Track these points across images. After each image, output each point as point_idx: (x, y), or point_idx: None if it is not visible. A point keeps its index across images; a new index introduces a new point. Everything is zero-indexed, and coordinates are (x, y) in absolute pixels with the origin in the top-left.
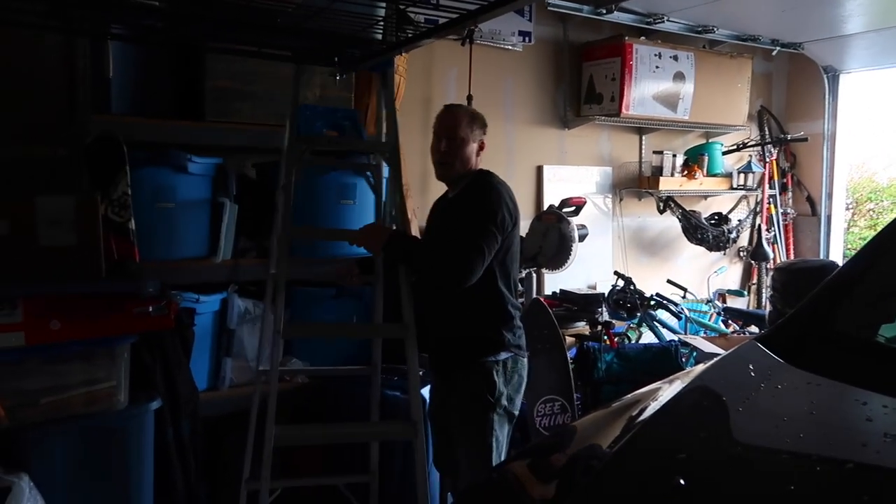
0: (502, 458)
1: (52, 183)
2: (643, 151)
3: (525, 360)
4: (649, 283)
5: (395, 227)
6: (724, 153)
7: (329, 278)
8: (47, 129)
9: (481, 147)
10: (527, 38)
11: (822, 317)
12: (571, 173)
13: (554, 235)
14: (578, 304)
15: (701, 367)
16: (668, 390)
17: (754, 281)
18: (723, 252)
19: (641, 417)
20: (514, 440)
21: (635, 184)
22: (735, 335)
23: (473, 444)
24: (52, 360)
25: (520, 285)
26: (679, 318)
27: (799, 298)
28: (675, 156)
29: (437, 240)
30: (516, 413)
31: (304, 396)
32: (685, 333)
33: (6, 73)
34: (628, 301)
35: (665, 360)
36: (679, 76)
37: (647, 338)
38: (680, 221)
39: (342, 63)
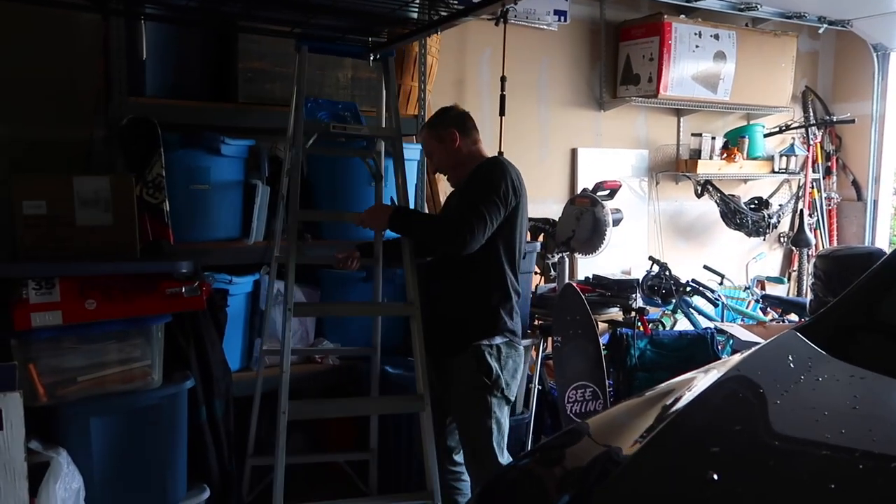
0: (504, 441)
1: (89, 165)
2: (681, 134)
3: (521, 348)
4: (685, 268)
5: (391, 207)
6: (766, 135)
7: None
8: (83, 111)
9: (453, 138)
10: (562, 18)
11: (867, 307)
12: (607, 156)
13: (588, 219)
14: (612, 290)
15: (738, 357)
16: (703, 380)
17: (795, 268)
18: (762, 238)
19: (674, 408)
20: (545, 427)
21: (672, 167)
22: (774, 323)
23: (474, 428)
24: (88, 339)
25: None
26: (716, 305)
27: (843, 287)
28: (714, 138)
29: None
30: (513, 399)
31: (336, 377)
32: (722, 321)
33: (43, 54)
34: (663, 287)
35: (700, 347)
36: (720, 56)
37: (682, 325)
38: (718, 206)
39: (375, 44)
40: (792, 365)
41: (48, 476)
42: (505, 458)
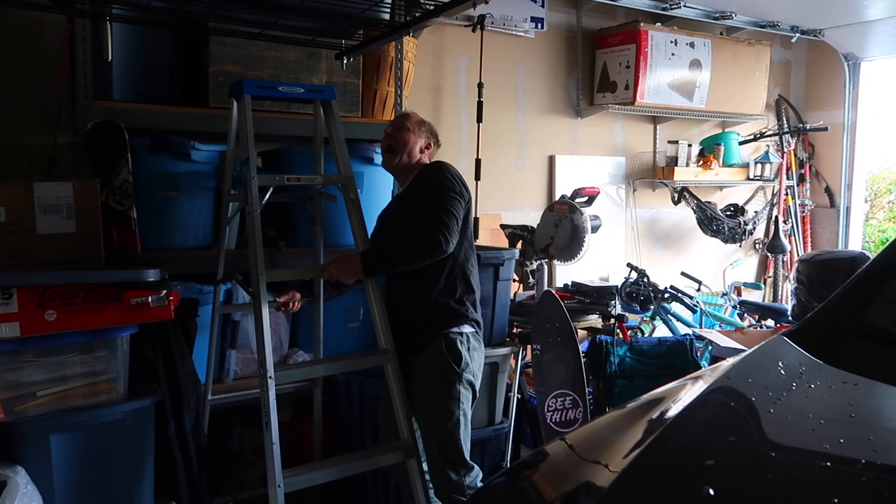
0: (469, 441)
1: (52, 171)
2: (658, 141)
3: (482, 339)
4: (663, 275)
5: (358, 256)
6: (741, 143)
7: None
8: (47, 115)
9: (427, 146)
10: (539, 25)
11: (856, 311)
12: (584, 163)
13: (566, 226)
14: (591, 297)
15: (725, 365)
16: (689, 390)
17: (770, 273)
18: (739, 244)
19: (662, 420)
20: (525, 436)
21: (649, 174)
22: (752, 329)
23: (441, 418)
24: (48, 352)
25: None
26: (694, 312)
27: (827, 291)
28: (690, 145)
29: (399, 227)
30: (477, 393)
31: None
32: (700, 327)
33: (6, 56)
34: (641, 294)
35: (680, 354)
36: (695, 64)
37: (661, 331)
38: (695, 213)
39: (347, 48)
40: (783, 372)
41: (4, 496)
42: (468, 456)
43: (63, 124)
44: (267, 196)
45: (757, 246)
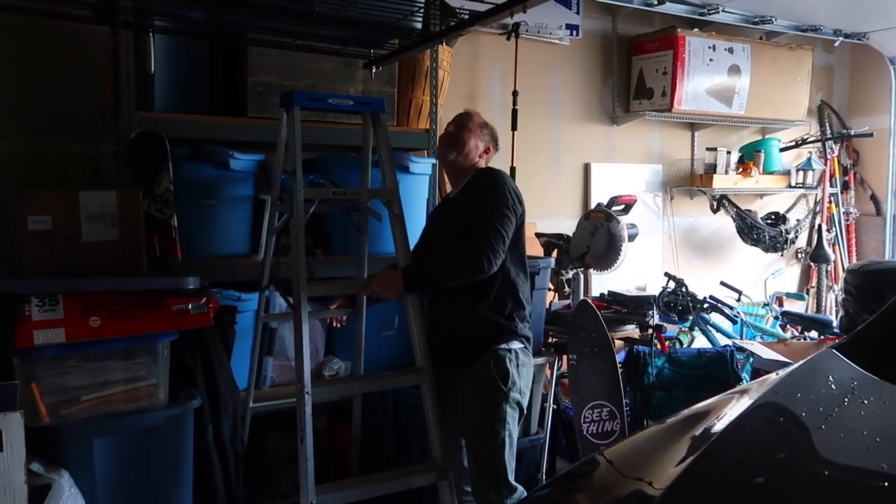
0: (514, 462)
1: (97, 180)
2: (695, 148)
3: (531, 355)
4: (701, 285)
5: (398, 271)
6: (782, 150)
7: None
8: (92, 126)
9: (486, 151)
10: (574, 32)
11: None
12: (620, 171)
13: (603, 235)
14: (628, 307)
15: (771, 379)
16: (734, 405)
17: (813, 284)
18: (780, 253)
19: (708, 436)
20: (560, 447)
21: (687, 182)
22: (795, 341)
23: (484, 438)
24: (92, 358)
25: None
26: (734, 322)
27: (877, 302)
28: (729, 152)
29: (447, 238)
30: (525, 411)
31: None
32: (741, 338)
33: (52, 69)
34: (679, 303)
35: (720, 365)
36: (734, 69)
37: (699, 342)
38: (734, 221)
39: (377, 57)
40: (833, 387)
41: (49, 499)
42: (512, 477)
43: (107, 135)
44: (312, 208)
45: (799, 255)
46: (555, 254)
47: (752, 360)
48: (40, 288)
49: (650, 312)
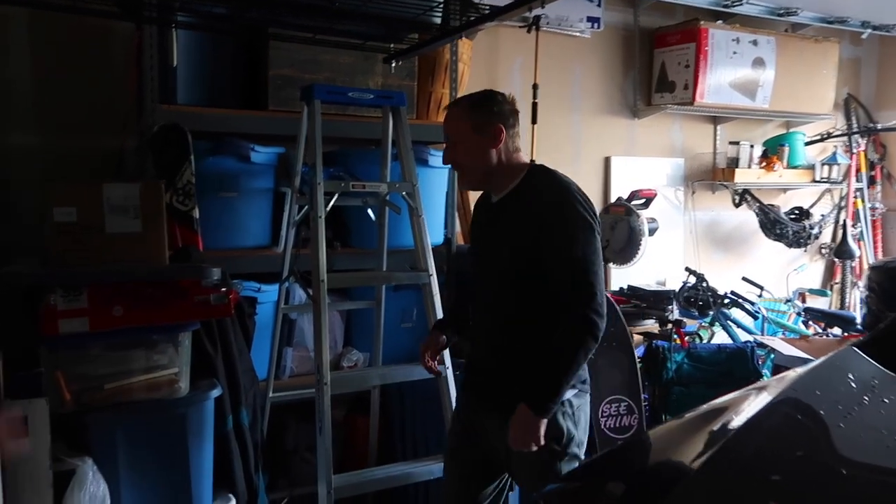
0: None
1: (120, 173)
2: (718, 142)
3: (589, 395)
4: (723, 280)
5: (523, 406)
6: (807, 143)
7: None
8: (115, 119)
9: (496, 135)
10: (595, 24)
11: None
12: (641, 165)
13: (623, 229)
14: (647, 301)
15: (791, 376)
16: (752, 401)
17: (837, 280)
18: (804, 249)
19: (725, 431)
20: None
21: (709, 176)
22: (817, 338)
23: (536, 487)
24: (115, 347)
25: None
26: (756, 318)
27: None
28: (752, 146)
29: (503, 269)
30: (583, 456)
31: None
32: (762, 334)
33: (77, 62)
34: (700, 298)
35: (740, 361)
36: (758, 62)
37: (719, 338)
38: (757, 216)
39: (397, 51)
40: (853, 385)
41: (73, 484)
42: None
43: (130, 128)
44: (332, 201)
45: (823, 251)
46: None
47: (772, 356)
48: (65, 278)
49: (670, 307)
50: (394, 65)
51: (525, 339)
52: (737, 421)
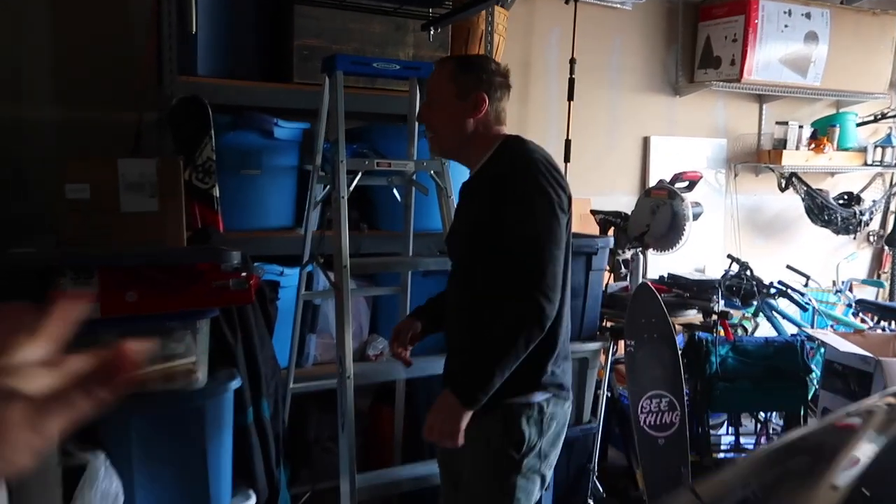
0: None
1: (137, 148)
2: (763, 122)
3: (568, 403)
4: (764, 267)
5: (447, 391)
6: (859, 124)
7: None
8: (132, 91)
9: (477, 104)
10: None
11: None
12: (681, 145)
13: (665, 213)
14: (690, 291)
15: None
16: (865, 433)
17: (885, 269)
18: (853, 236)
19: (832, 481)
20: (612, 435)
21: (753, 158)
22: (872, 332)
23: None
24: (128, 334)
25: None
26: (805, 310)
27: None
28: (801, 127)
29: (460, 252)
30: (549, 474)
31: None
32: (812, 327)
33: (94, 33)
34: (743, 288)
35: (789, 356)
36: (811, 36)
37: (763, 329)
38: (804, 201)
39: (435, 18)
40: None
41: (84, 481)
42: None
43: (149, 101)
44: (355, 181)
45: (871, 238)
46: (611, 232)
47: (822, 350)
48: (74, 260)
49: (714, 297)
50: (431, 32)
51: (472, 332)
52: (849, 466)
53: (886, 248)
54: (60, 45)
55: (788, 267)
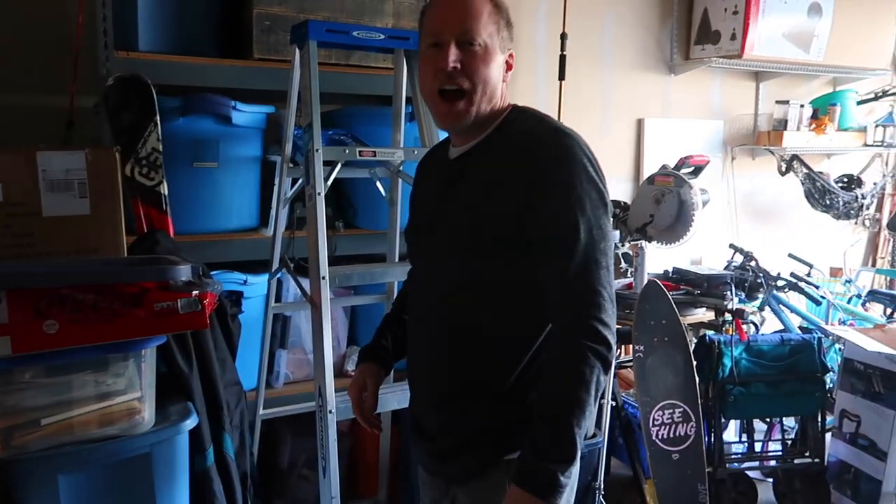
0: None
1: (70, 139)
2: (759, 101)
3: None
4: (762, 256)
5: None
6: (859, 103)
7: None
8: (61, 71)
9: (509, 66)
10: None
11: None
12: (676, 127)
13: (671, 202)
14: (700, 287)
15: None
16: None
17: (882, 255)
18: (855, 221)
19: None
20: (616, 446)
21: (750, 140)
22: (893, 326)
23: None
24: (51, 371)
25: None
26: (818, 304)
27: None
28: (802, 106)
29: (464, 253)
30: None
31: None
32: (827, 322)
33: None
34: (748, 280)
35: (806, 355)
36: (815, 9)
37: (769, 325)
38: (803, 185)
39: None
40: None
41: None
42: None
43: (84, 83)
44: (334, 173)
45: (866, 222)
46: None
47: (836, 347)
48: None
49: (728, 294)
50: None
51: (490, 364)
52: None
53: (887, 232)
54: None
55: (790, 255)
